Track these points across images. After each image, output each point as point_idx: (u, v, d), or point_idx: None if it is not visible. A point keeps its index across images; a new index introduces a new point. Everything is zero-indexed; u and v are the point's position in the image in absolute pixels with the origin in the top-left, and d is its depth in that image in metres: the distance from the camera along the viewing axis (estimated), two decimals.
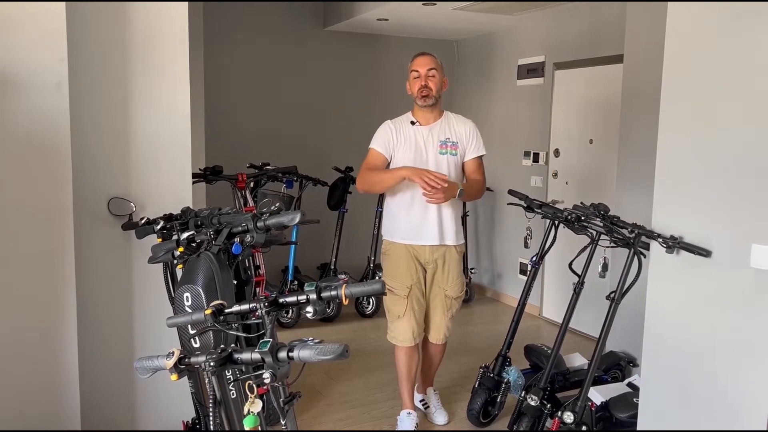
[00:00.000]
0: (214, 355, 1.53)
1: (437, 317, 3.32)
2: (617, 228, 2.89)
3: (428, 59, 3.21)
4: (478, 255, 6.33)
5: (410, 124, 3.24)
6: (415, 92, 3.21)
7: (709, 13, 2.46)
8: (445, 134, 3.23)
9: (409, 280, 3.21)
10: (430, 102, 3.19)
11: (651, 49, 3.77)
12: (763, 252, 2.29)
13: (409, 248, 3.22)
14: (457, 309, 3.36)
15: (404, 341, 3.25)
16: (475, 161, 3.29)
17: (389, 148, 3.20)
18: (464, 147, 3.26)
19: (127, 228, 2.71)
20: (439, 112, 3.28)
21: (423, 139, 3.21)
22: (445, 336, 3.36)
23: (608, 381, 3.70)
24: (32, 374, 2.53)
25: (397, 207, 3.24)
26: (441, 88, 3.22)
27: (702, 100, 2.50)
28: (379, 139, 3.22)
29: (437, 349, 3.44)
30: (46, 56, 2.45)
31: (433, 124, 3.24)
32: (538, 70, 5.49)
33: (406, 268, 3.22)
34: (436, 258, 3.23)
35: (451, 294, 3.29)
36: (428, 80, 3.17)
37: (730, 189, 2.40)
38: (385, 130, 3.24)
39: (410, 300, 3.22)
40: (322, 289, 1.67)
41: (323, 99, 6.00)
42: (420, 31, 5.90)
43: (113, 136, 2.74)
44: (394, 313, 3.26)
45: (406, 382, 3.36)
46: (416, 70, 3.20)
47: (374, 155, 3.21)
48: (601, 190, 4.77)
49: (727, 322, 2.44)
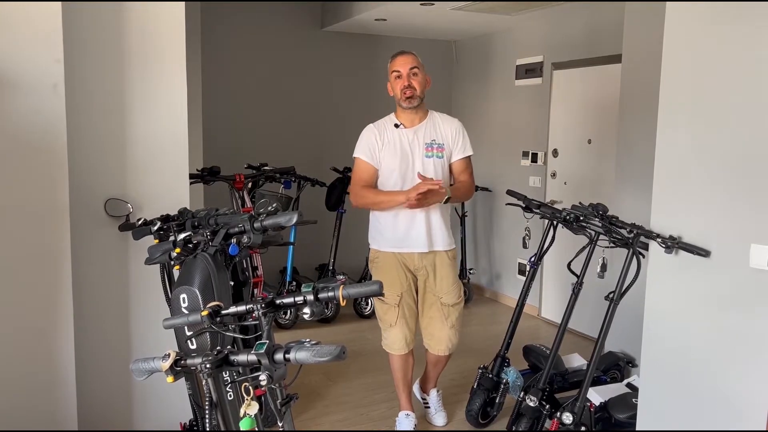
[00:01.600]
0: (210, 357, 1.53)
1: (436, 327, 3.21)
2: (616, 228, 2.89)
3: (409, 58, 3.08)
4: (477, 255, 6.32)
5: (394, 127, 3.13)
6: (398, 93, 3.09)
7: (708, 13, 2.46)
8: (431, 136, 3.12)
9: (399, 288, 3.14)
10: (415, 103, 3.07)
11: (649, 49, 3.76)
12: (762, 252, 2.29)
13: (397, 256, 3.14)
14: (457, 317, 3.23)
15: (398, 350, 3.22)
16: (462, 162, 3.18)
17: (375, 155, 3.10)
18: (450, 148, 3.15)
19: (124, 229, 2.70)
20: (423, 112, 3.17)
21: (408, 142, 3.10)
22: (448, 347, 3.24)
23: (607, 381, 3.70)
24: (28, 375, 2.52)
25: (383, 215, 3.14)
26: (425, 88, 3.11)
27: (701, 100, 2.49)
28: (364, 146, 3.12)
29: (441, 360, 3.36)
30: (43, 57, 2.44)
31: (418, 125, 3.13)
32: (536, 70, 5.49)
33: (396, 275, 3.14)
34: (425, 264, 3.15)
35: (447, 301, 3.19)
36: (411, 80, 3.05)
37: (729, 189, 2.40)
38: (368, 135, 3.13)
39: (401, 308, 3.16)
40: (319, 291, 1.66)
41: (321, 99, 5.99)
42: (418, 31, 5.90)
43: (110, 136, 2.73)
44: (386, 321, 3.21)
45: (402, 386, 3.35)
46: (397, 70, 3.07)
47: (362, 167, 3.12)
48: (599, 190, 4.76)
49: (726, 323, 2.44)
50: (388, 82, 3.16)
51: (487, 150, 5.81)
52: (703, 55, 2.49)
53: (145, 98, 2.78)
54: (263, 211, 2.24)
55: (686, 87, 2.55)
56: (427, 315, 3.23)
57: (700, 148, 2.50)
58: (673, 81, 2.60)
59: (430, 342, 3.28)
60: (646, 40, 3.88)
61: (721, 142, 2.42)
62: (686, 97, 2.55)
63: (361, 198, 3.12)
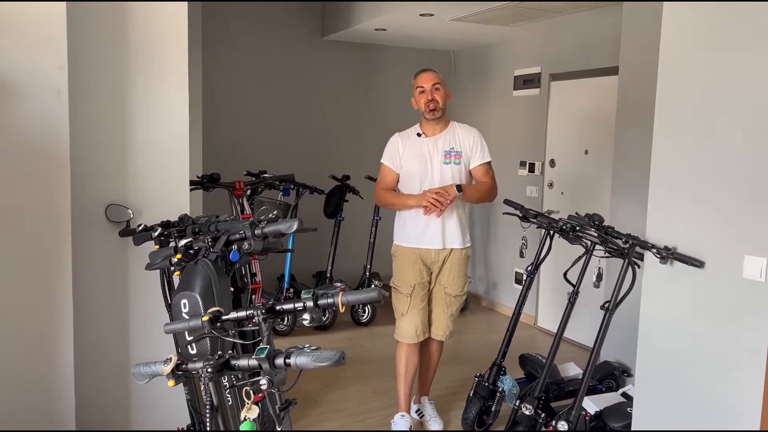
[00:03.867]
0: (211, 362, 1.54)
1: (437, 313, 3.45)
2: (611, 238, 2.92)
3: (432, 75, 3.38)
4: (474, 264, 6.34)
5: (417, 136, 3.41)
6: (422, 107, 3.37)
7: (704, 24, 2.50)
8: (450, 144, 3.38)
9: (413, 280, 3.36)
10: (437, 115, 3.35)
11: (646, 61, 3.80)
12: (755, 263, 2.32)
13: (415, 251, 3.37)
14: (457, 309, 3.47)
15: (408, 338, 3.38)
16: (482, 167, 3.43)
17: (397, 162, 3.40)
18: (468, 155, 3.40)
19: (125, 235, 2.72)
20: (444, 123, 3.42)
21: (428, 150, 3.37)
22: (445, 333, 3.46)
23: (602, 390, 3.71)
24: (28, 379, 2.54)
25: (405, 213, 3.42)
26: (446, 100, 3.39)
27: (696, 111, 2.53)
28: (388, 153, 3.44)
29: (436, 347, 3.55)
30: (46, 63, 2.47)
31: (439, 135, 3.39)
32: (534, 81, 5.53)
33: (411, 269, 3.37)
34: (441, 259, 3.37)
35: (450, 291, 3.40)
36: (434, 94, 3.34)
37: (724, 200, 2.43)
38: (393, 143, 3.44)
39: (413, 298, 3.36)
40: (319, 297, 1.68)
41: (321, 108, 6.03)
42: (417, 41, 5.94)
43: (111, 142, 2.76)
44: (399, 310, 3.42)
45: (403, 382, 3.44)
46: (421, 86, 3.36)
47: (385, 172, 3.45)
48: (596, 201, 4.80)
49: (720, 333, 2.46)
50: (412, 97, 3.43)
51: None
52: (698, 68, 2.52)
53: (146, 105, 2.80)
54: (264, 218, 2.26)
55: (682, 98, 2.58)
56: (432, 302, 3.46)
57: (695, 159, 2.53)
58: (668, 93, 2.64)
59: (431, 327, 3.47)
60: (643, 52, 3.93)
61: (716, 153, 2.46)
62: (682, 109, 2.58)
63: (381, 199, 3.50)
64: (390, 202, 3.47)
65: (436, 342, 3.52)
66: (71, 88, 2.54)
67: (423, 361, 3.58)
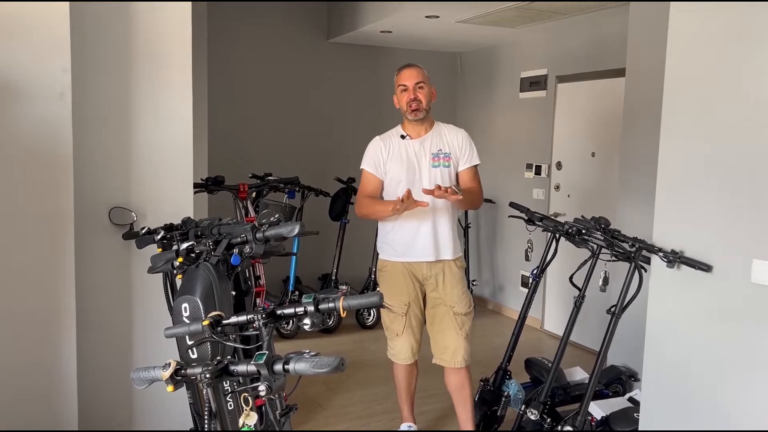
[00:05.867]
0: (210, 367, 1.53)
1: (451, 338, 3.11)
2: (618, 242, 2.89)
3: (415, 71, 3.11)
4: (480, 267, 6.32)
5: (400, 138, 3.15)
6: (404, 106, 3.11)
7: (711, 26, 2.47)
8: (437, 146, 3.12)
9: (407, 297, 3.12)
10: (420, 116, 3.09)
11: (653, 63, 3.77)
12: (763, 267, 2.28)
13: (405, 265, 3.12)
14: (470, 327, 3.16)
15: (404, 359, 3.20)
16: (469, 171, 3.17)
17: (380, 167, 3.13)
18: (457, 157, 3.14)
19: (128, 237, 2.71)
20: (429, 123, 3.17)
21: (414, 153, 3.12)
22: (464, 358, 3.12)
23: (609, 395, 3.68)
24: (31, 380, 2.54)
25: (388, 223, 3.15)
26: (430, 100, 3.13)
27: (703, 114, 2.50)
28: (369, 158, 3.15)
29: (459, 376, 3.16)
30: (50, 66, 2.47)
31: (425, 136, 3.14)
32: (540, 83, 5.51)
33: (404, 284, 3.13)
34: (434, 274, 3.12)
35: (459, 310, 3.11)
36: (417, 93, 3.08)
37: (732, 204, 2.40)
38: (374, 148, 3.16)
39: (408, 317, 3.13)
40: (320, 301, 1.66)
41: (326, 110, 6.02)
42: (423, 43, 5.93)
43: (115, 145, 2.76)
44: (393, 330, 3.19)
45: (405, 396, 3.34)
46: (403, 84, 3.11)
47: (367, 179, 3.15)
48: (602, 204, 4.76)
49: (727, 337, 2.43)
50: (394, 95, 3.19)
51: (490, 162, 5.82)
52: (705, 69, 2.49)
53: (150, 107, 2.80)
54: (265, 221, 2.25)
55: (689, 101, 2.55)
56: (438, 327, 3.15)
57: (702, 162, 2.50)
58: (675, 95, 2.61)
59: (443, 356, 3.15)
60: (650, 54, 3.90)
61: (723, 156, 2.43)
62: (689, 111, 2.55)
63: (361, 207, 3.16)
64: (369, 211, 3.11)
65: (462, 371, 3.12)
66: (75, 90, 2.55)
67: (458, 402, 3.22)
